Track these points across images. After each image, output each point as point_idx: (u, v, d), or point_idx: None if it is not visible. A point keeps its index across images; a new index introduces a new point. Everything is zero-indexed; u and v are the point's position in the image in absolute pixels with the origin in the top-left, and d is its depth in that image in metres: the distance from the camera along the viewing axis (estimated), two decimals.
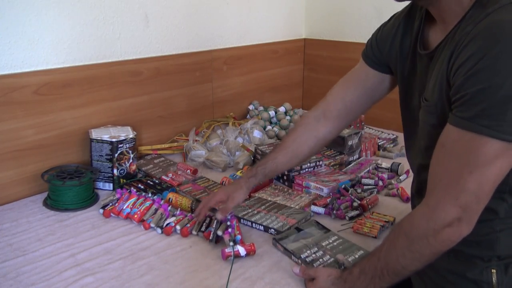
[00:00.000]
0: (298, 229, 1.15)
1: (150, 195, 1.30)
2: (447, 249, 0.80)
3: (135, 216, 1.21)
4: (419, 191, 0.98)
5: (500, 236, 0.84)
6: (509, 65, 0.67)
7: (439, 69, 0.81)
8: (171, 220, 1.18)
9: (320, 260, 1.03)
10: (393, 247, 0.82)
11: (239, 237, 1.10)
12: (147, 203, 1.24)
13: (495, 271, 0.84)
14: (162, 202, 1.26)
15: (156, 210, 1.22)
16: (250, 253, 1.05)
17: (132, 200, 1.25)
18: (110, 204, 1.26)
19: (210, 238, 1.11)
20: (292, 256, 1.05)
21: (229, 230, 1.10)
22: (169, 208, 1.23)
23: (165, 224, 1.17)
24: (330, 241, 1.11)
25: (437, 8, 0.84)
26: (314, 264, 1.01)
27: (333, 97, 1.13)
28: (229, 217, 1.16)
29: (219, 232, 1.10)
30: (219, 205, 1.17)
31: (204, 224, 1.17)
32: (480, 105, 0.69)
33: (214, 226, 1.13)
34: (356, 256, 1.05)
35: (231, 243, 1.06)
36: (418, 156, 0.94)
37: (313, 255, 1.05)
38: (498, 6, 0.72)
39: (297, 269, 0.96)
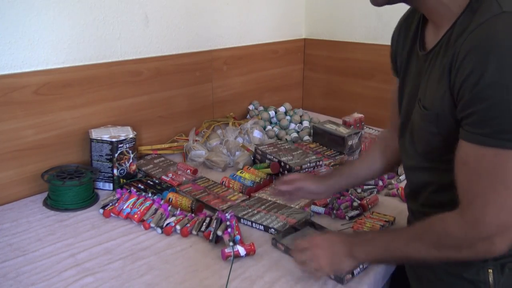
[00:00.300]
0: (295, 229, 1.15)
1: (150, 195, 1.30)
2: (480, 259, 0.82)
3: (135, 216, 1.21)
4: (412, 194, 0.99)
5: None
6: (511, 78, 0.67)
7: (438, 78, 0.80)
8: (171, 220, 1.18)
9: None
10: (419, 239, 0.82)
11: (238, 237, 1.10)
12: (147, 203, 1.24)
13: (491, 271, 0.84)
14: (162, 202, 1.26)
15: (156, 210, 1.22)
16: (250, 253, 1.05)
17: (132, 200, 1.25)
18: (110, 204, 1.26)
19: (210, 238, 1.11)
20: None
21: (229, 230, 1.10)
22: (169, 208, 1.23)
23: (165, 224, 1.17)
24: None
25: (425, 10, 0.84)
26: None
27: (393, 112, 1.11)
28: (228, 217, 1.16)
29: (219, 232, 1.10)
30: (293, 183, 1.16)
31: (204, 224, 1.17)
32: (496, 121, 0.69)
33: (213, 226, 1.13)
34: None
35: (231, 243, 1.06)
36: (411, 158, 0.94)
37: None
38: (490, 16, 0.71)
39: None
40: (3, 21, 1.27)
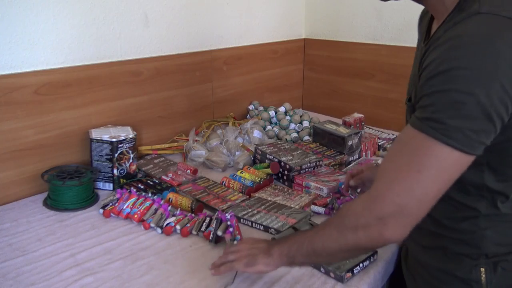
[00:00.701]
0: (295, 229, 1.15)
1: (150, 195, 1.30)
2: (368, 249, 0.80)
3: (135, 216, 1.21)
4: None
5: (486, 234, 0.84)
6: (462, 74, 0.67)
7: (415, 71, 0.83)
8: (171, 220, 1.18)
9: None
10: (327, 223, 0.83)
11: (238, 237, 1.10)
12: (147, 203, 1.24)
13: (484, 269, 0.84)
14: (162, 202, 1.26)
15: (156, 210, 1.22)
16: None
17: (132, 200, 1.25)
18: (110, 204, 1.26)
19: (210, 238, 1.11)
20: None
21: (230, 229, 1.10)
22: (169, 208, 1.23)
23: (165, 224, 1.17)
24: None
25: (426, 5, 0.86)
26: None
27: None
28: (229, 216, 1.16)
29: (219, 232, 1.10)
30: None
31: (204, 223, 1.17)
32: (431, 108, 0.70)
33: (214, 226, 1.13)
34: None
35: (234, 242, 1.06)
36: None
37: None
38: (466, 16, 0.72)
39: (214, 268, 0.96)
40: (3, 21, 1.27)
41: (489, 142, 0.71)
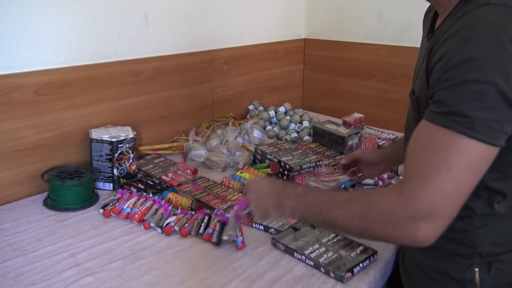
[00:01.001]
0: (295, 229, 1.15)
1: (151, 195, 1.30)
2: (392, 243, 0.81)
3: (136, 216, 1.21)
4: None
5: (480, 233, 0.83)
6: (479, 64, 0.67)
7: (421, 65, 0.83)
8: (171, 219, 1.18)
9: (325, 256, 1.03)
10: (349, 204, 0.79)
11: (241, 238, 1.10)
12: (148, 204, 1.24)
13: (477, 270, 0.84)
14: (163, 202, 1.26)
15: (157, 210, 1.22)
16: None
17: (133, 200, 1.25)
18: (111, 204, 1.26)
19: (215, 240, 1.10)
20: (295, 253, 1.05)
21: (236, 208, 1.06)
22: (170, 208, 1.23)
23: (165, 224, 1.17)
24: (330, 237, 1.11)
25: (430, 1, 0.87)
26: (319, 260, 1.02)
27: None
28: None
29: (225, 237, 1.07)
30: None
31: (203, 224, 1.16)
32: (451, 101, 0.69)
33: (217, 229, 1.11)
34: (357, 251, 1.06)
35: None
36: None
37: (317, 251, 1.05)
38: (475, 6, 0.72)
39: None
40: (3, 21, 1.27)
41: (510, 132, 0.70)
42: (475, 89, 0.67)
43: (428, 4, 0.98)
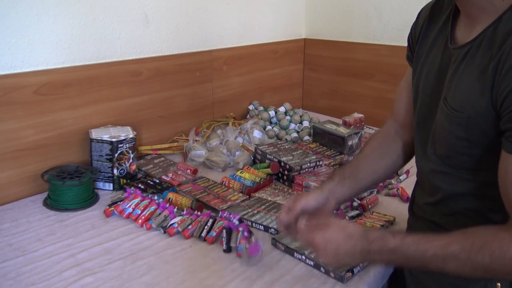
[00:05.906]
0: None
1: (156, 197, 1.27)
2: None
3: (139, 220, 1.20)
4: (433, 194, 0.91)
5: None
6: None
7: (475, 78, 0.74)
8: (175, 220, 1.17)
9: None
10: (466, 257, 0.71)
11: (241, 246, 1.09)
12: (152, 208, 1.22)
13: (500, 284, 0.81)
14: (167, 205, 1.24)
15: (160, 213, 1.21)
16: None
17: (136, 200, 1.25)
18: (118, 203, 1.26)
19: (224, 248, 1.09)
20: (295, 253, 1.05)
21: (245, 234, 1.08)
22: (175, 210, 1.22)
23: (169, 225, 1.17)
24: None
25: (462, 1, 0.79)
26: (319, 260, 1.01)
27: (401, 106, 1.06)
28: (237, 222, 1.13)
29: (233, 245, 1.07)
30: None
31: (206, 227, 1.15)
32: None
33: (225, 236, 1.10)
34: None
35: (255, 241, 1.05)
36: (430, 161, 0.89)
37: None
38: None
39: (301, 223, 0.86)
40: (3, 21, 1.27)
41: None
42: None
43: (423, 5, 0.93)
